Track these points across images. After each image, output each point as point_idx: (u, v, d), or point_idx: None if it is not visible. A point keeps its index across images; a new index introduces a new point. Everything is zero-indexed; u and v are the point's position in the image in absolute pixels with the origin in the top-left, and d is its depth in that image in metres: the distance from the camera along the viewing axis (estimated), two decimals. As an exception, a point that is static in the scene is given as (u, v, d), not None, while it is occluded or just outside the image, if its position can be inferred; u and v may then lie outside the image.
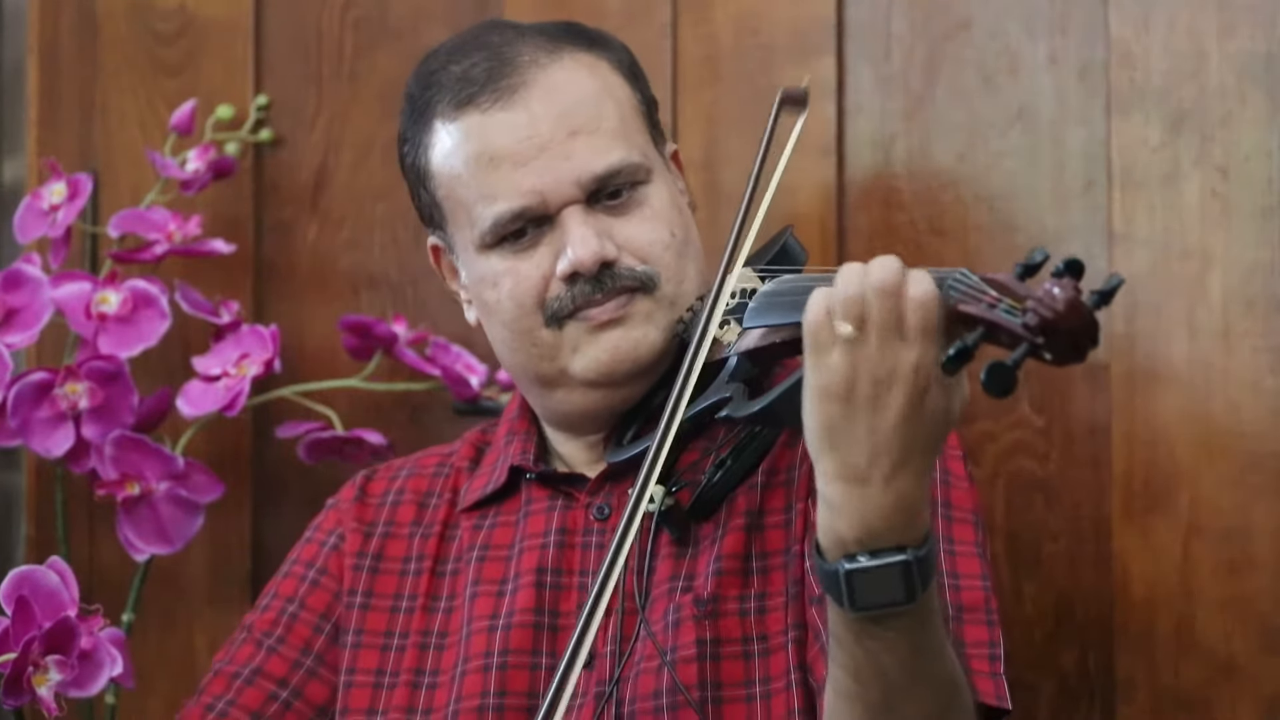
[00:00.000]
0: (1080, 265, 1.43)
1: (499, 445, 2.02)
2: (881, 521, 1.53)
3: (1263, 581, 2.13)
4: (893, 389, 1.50)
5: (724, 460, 1.84)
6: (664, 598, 1.85)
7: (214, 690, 1.99)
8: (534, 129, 1.88)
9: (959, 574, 1.80)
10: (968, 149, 2.29)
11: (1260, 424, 2.14)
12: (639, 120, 1.95)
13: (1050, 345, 1.41)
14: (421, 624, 1.96)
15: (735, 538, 1.85)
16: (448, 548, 1.99)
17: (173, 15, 2.57)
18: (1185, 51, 2.19)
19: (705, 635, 1.82)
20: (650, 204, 1.91)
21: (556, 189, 1.88)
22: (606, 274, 1.88)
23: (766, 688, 1.81)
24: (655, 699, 1.81)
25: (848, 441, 1.52)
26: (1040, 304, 1.40)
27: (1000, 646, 1.79)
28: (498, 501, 1.98)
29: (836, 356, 1.51)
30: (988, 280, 1.46)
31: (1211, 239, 2.17)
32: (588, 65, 1.93)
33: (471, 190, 1.91)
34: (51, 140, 2.55)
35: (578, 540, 1.91)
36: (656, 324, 1.90)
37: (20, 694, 1.96)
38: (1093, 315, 1.41)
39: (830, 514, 1.55)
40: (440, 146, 1.93)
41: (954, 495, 1.85)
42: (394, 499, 2.05)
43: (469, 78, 1.91)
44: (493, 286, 1.92)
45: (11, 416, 2.29)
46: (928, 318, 1.49)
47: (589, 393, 1.91)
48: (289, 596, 2.02)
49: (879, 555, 1.53)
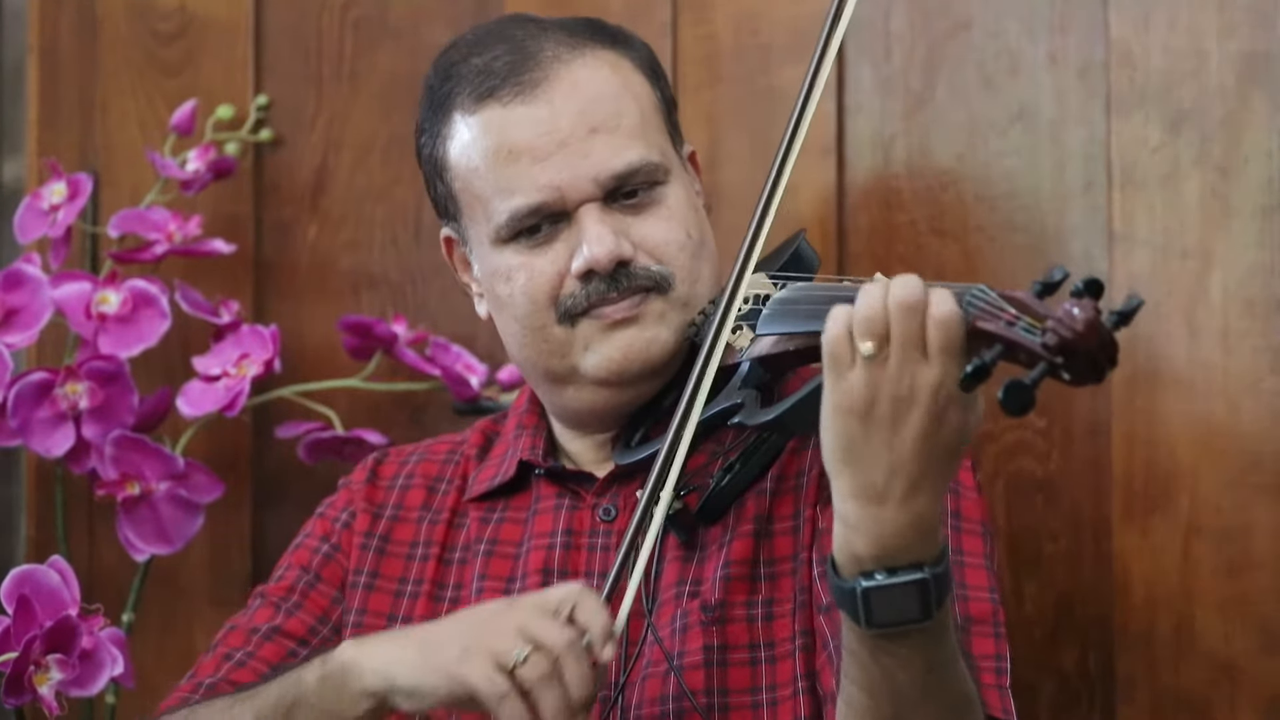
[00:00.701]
0: (1100, 285, 1.42)
1: (507, 438, 2.02)
2: (898, 540, 1.52)
3: (1263, 581, 2.13)
4: (913, 408, 1.49)
5: (733, 464, 1.83)
6: (671, 602, 1.85)
7: (231, 643, 1.97)
8: (554, 124, 1.88)
9: (967, 585, 1.80)
10: (968, 149, 2.29)
11: (1260, 424, 2.14)
12: (659, 119, 1.95)
13: (1069, 365, 1.40)
14: (426, 610, 1.95)
15: (743, 543, 1.85)
16: (455, 535, 1.99)
17: (173, 15, 2.57)
18: (1185, 51, 2.19)
19: (713, 641, 1.82)
20: (667, 204, 1.91)
21: (574, 185, 1.87)
22: (622, 273, 1.87)
23: (773, 695, 1.80)
24: (662, 704, 1.80)
25: (866, 460, 1.51)
26: (1060, 324, 1.40)
27: (1006, 660, 1.78)
28: (506, 495, 1.98)
29: (856, 375, 1.51)
30: (1006, 297, 1.46)
31: (1211, 239, 2.17)
32: (610, 63, 1.93)
33: (489, 184, 1.90)
34: (51, 140, 2.55)
35: (583, 541, 1.91)
36: (669, 324, 1.89)
37: (21, 693, 1.96)
38: (1112, 336, 1.41)
39: (847, 531, 1.54)
40: (459, 139, 1.92)
41: (964, 506, 1.85)
42: (404, 483, 2.04)
43: (490, 70, 1.90)
44: (506, 281, 1.91)
45: (11, 416, 2.29)
46: (950, 337, 1.48)
47: (599, 391, 1.91)
48: (304, 566, 2.01)
49: (896, 573, 1.53)
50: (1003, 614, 1.81)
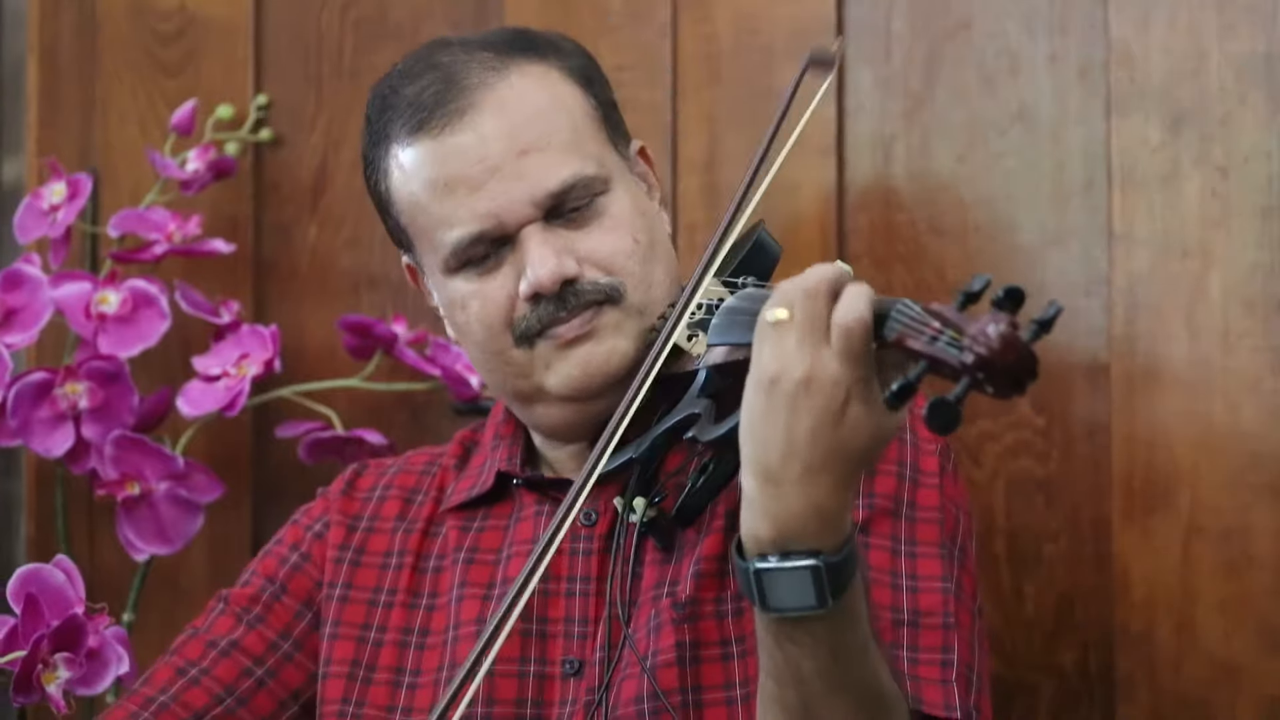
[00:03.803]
0: (1020, 294, 1.40)
1: (485, 448, 2.02)
2: (794, 523, 1.52)
3: (1263, 581, 2.13)
4: (811, 396, 1.49)
5: (706, 465, 1.82)
6: (649, 604, 1.85)
7: (188, 654, 1.98)
8: (484, 151, 1.86)
9: (917, 575, 1.79)
10: (967, 149, 2.29)
11: (1260, 424, 2.14)
12: (593, 127, 1.92)
13: (990, 380, 1.38)
14: (401, 620, 1.95)
15: (714, 539, 1.85)
16: (430, 544, 1.99)
17: (173, 15, 2.57)
18: (1185, 51, 2.19)
19: (684, 638, 1.81)
20: (610, 213, 1.89)
21: (511, 210, 1.86)
22: (569, 291, 1.86)
23: (746, 690, 1.80)
24: (638, 704, 1.80)
25: (765, 436, 1.51)
26: (975, 340, 1.38)
27: (954, 650, 1.76)
28: (486, 504, 1.98)
29: (767, 348, 1.52)
30: (930, 311, 1.44)
31: (1211, 239, 2.17)
32: (536, 77, 1.91)
33: (431, 216, 1.90)
34: (51, 140, 2.55)
35: (565, 546, 1.90)
36: (626, 334, 1.88)
37: (30, 692, 1.96)
38: (1029, 350, 1.38)
39: (748, 510, 1.54)
40: (399, 172, 1.92)
41: (920, 494, 1.83)
42: (380, 494, 2.04)
43: (419, 103, 1.89)
44: (462, 309, 1.91)
45: (11, 416, 2.29)
46: (850, 341, 1.48)
47: (566, 406, 1.91)
48: (269, 576, 2.01)
49: (789, 557, 1.52)
50: (963, 601, 1.79)
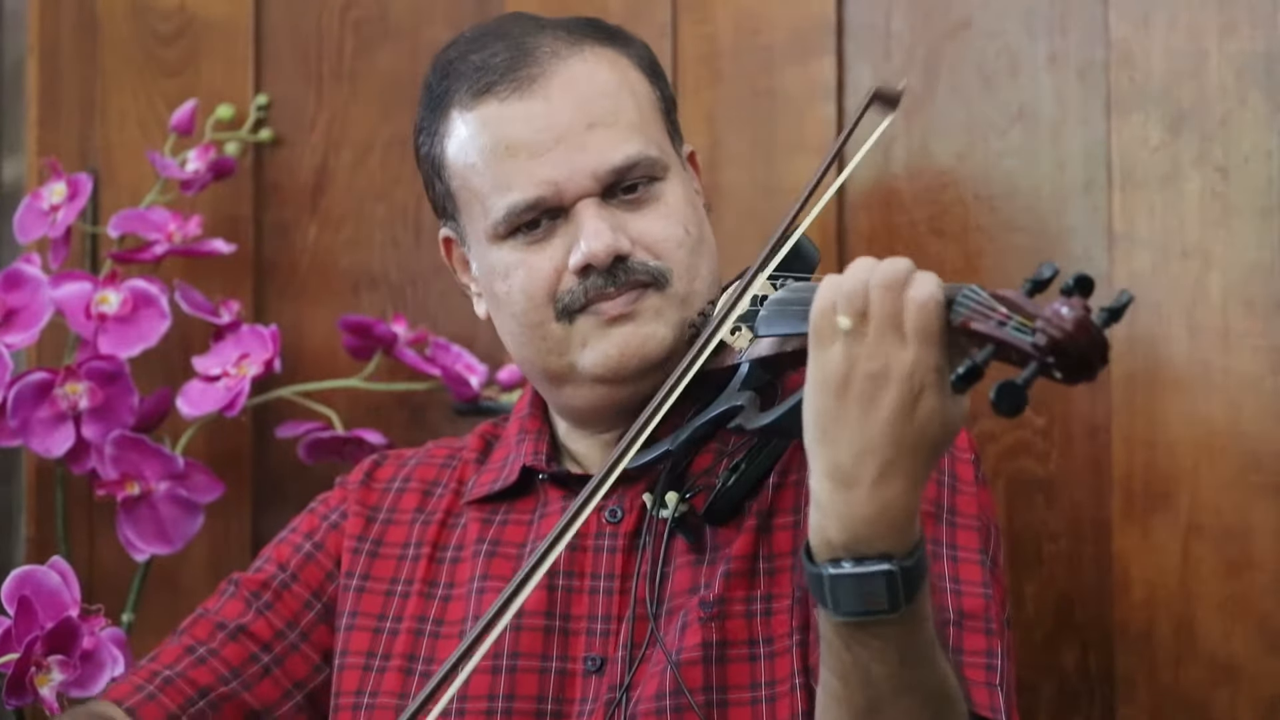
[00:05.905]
0: (1090, 281, 1.42)
1: (509, 442, 2.01)
2: (867, 528, 1.52)
3: (1263, 581, 2.13)
4: (886, 389, 1.50)
5: (738, 464, 1.83)
6: (678, 607, 1.84)
7: (196, 634, 1.98)
8: (551, 119, 1.87)
9: (960, 580, 1.80)
10: (968, 149, 2.29)
11: (1260, 424, 2.14)
12: (658, 117, 1.94)
13: (1060, 364, 1.40)
14: (417, 609, 1.95)
15: (745, 539, 1.85)
16: (449, 535, 1.98)
17: (173, 15, 2.57)
18: (1185, 51, 2.19)
19: (711, 637, 1.81)
20: (666, 200, 1.90)
21: (572, 180, 1.87)
22: (619, 267, 1.87)
23: (772, 690, 1.80)
24: (659, 700, 1.80)
25: (838, 438, 1.52)
26: (1049, 323, 1.40)
27: (998, 656, 1.78)
28: (509, 498, 1.97)
29: (835, 349, 1.52)
30: (998, 297, 1.45)
31: (1211, 239, 2.17)
32: (608, 59, 1.92)
33: (486, 180, 1.90)
34: (51, 140, 2.55)
35: (589, 543, 1.90)
36: (666, 321, 1.89)
37: (23, 694, 1.96)
38: (1102, 334, 1.40)
39: (818, 514, 1.54)
40: (456, 136, 1.92)
41: (959, 501, 1.84)
42: (399, 486, 2.04)
43: (488, 66, 1.90)
44: (504, 278, 1.91)
45: (11, 416, 2.29)
46: (926, 320, 1.49)
47: (596, 388, 1.91)
48: (281, 563, 2.02)
49: (863, 562, 1.53)
50: (997, 610, 1.81)
